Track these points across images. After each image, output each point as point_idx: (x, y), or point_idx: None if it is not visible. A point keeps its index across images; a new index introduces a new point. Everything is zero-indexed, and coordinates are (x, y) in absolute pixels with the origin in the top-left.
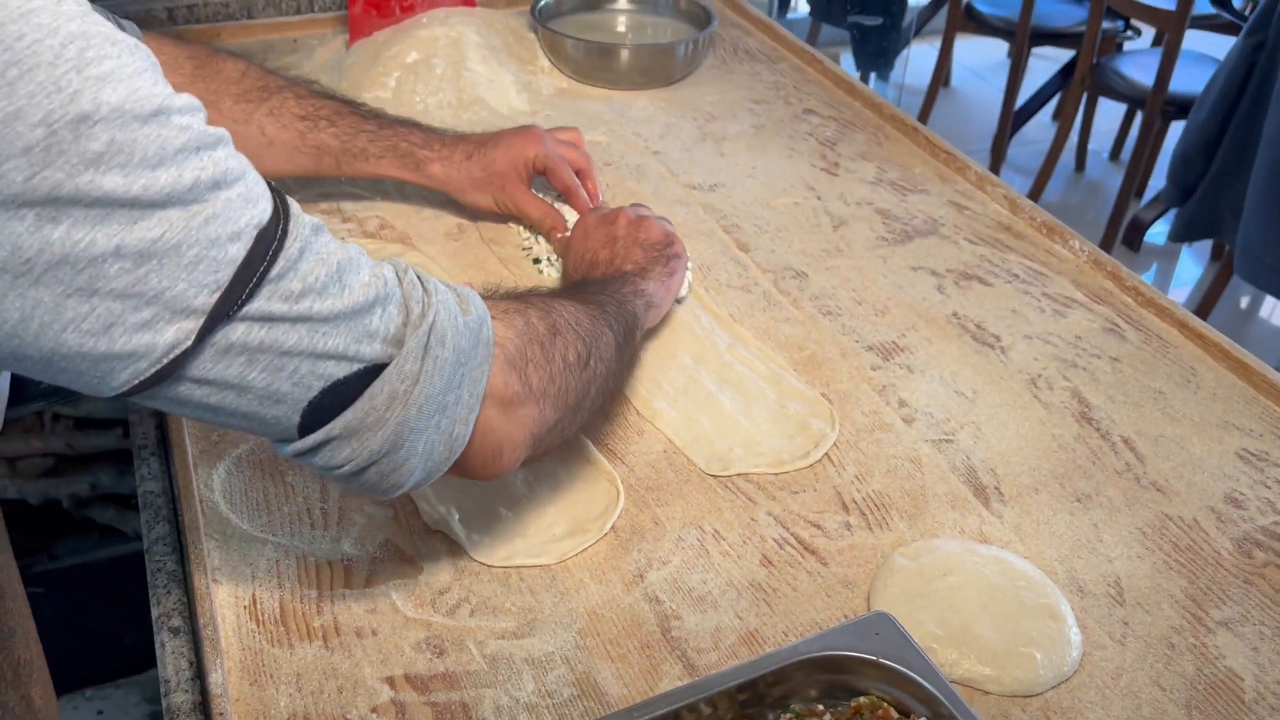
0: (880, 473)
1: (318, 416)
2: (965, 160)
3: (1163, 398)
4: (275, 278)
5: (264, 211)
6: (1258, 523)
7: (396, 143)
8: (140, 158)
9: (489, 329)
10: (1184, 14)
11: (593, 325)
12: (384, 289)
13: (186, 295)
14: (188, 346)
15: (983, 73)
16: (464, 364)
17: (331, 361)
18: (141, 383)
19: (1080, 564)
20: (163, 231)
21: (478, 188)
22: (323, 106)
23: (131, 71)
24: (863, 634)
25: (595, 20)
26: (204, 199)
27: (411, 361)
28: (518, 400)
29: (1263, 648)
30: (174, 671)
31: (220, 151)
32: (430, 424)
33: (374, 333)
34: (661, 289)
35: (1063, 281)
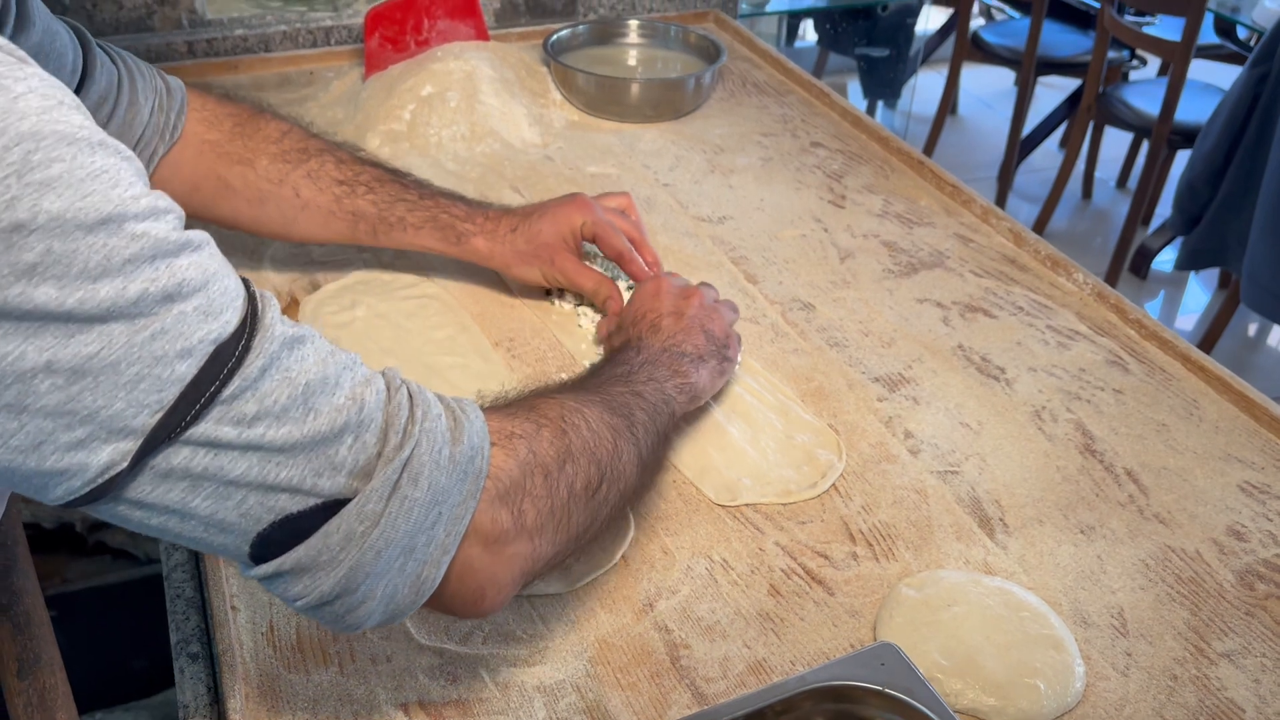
0: (886, 503)
1: (268, 549)
2: (971, 193)
3: (1166, 430)
4: (227, 399)
5: (226, 325)
6: (1260, 555)
7: (437, 214)
8: (80, 269)
9: (484, 459)
10: (1189, 45)
11: (614, 443)
12: (359, 415)
13: (124, 415)
14: (123, 469)
15: (990, 101)
16: (441, 502)
17: (284, 495)
18: (76, 499)
19: (1084, 595)
20: (100, 348)
21: (524, 262)
22: (363, 172)
23: (85, 175)
24: (868, 664)
25: (606, 54)
26: (152, 313)
27: (375, 501)
28: (506, 538)
29: (1264, 679)
30: (192, 697)
31: (182, 259)
32: (392, 567)
33: (338, 465)
34: (710, 384)
35: (1067, 314)
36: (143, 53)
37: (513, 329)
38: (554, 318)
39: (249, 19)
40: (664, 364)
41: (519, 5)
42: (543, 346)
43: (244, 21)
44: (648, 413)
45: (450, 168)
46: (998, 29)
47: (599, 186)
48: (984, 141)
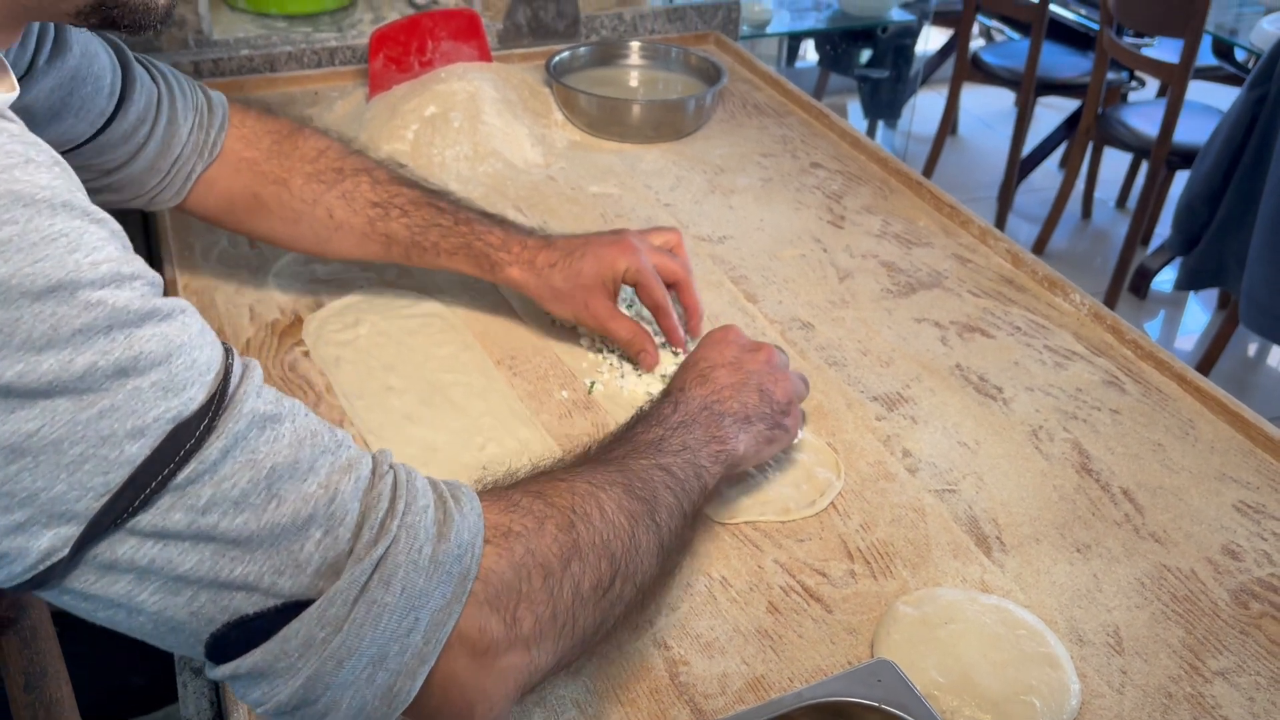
0: (884, 522)
1: (225, 649)
2: (969, 214)
3: (1162, 450)
4: (181, 484)
5: (189, 402)
6: (1254, 574)
7: (472, 241)
8: (23, 339)
9: (473, 558)
10: (1187, 67)
11: (632, 534)
12: (330, 506)
13: (66, 498)
14: (64, 556)
15: (990, 121)
16: (419, 607)
17: (240, 593)
18: (18, 585)
19: (1080, 613)
20: (41, 425)
21: (559, 300)
22: (399, 194)
23: (39, 239)
24: (865, 680)
25: (608, 75)
26: (101, 388)
27: (339, 605)
28: (496, 649)
29: (1258, 698)
30: (195, 711)
31: (145, 330)
32: (359, 678)
33: (303, 562)
34: (752, 451)
35: (1064, 334)
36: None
37: (514, 347)
38: (555, 336)
39: (254, 39)
40: (701, 425)
41: (522, 26)
42: (544, 365)
43: (249, 42)
44: (675, 493)
45: (454, 187)
46: (997, 50)
47: (601, 206)
48: (984, 161)
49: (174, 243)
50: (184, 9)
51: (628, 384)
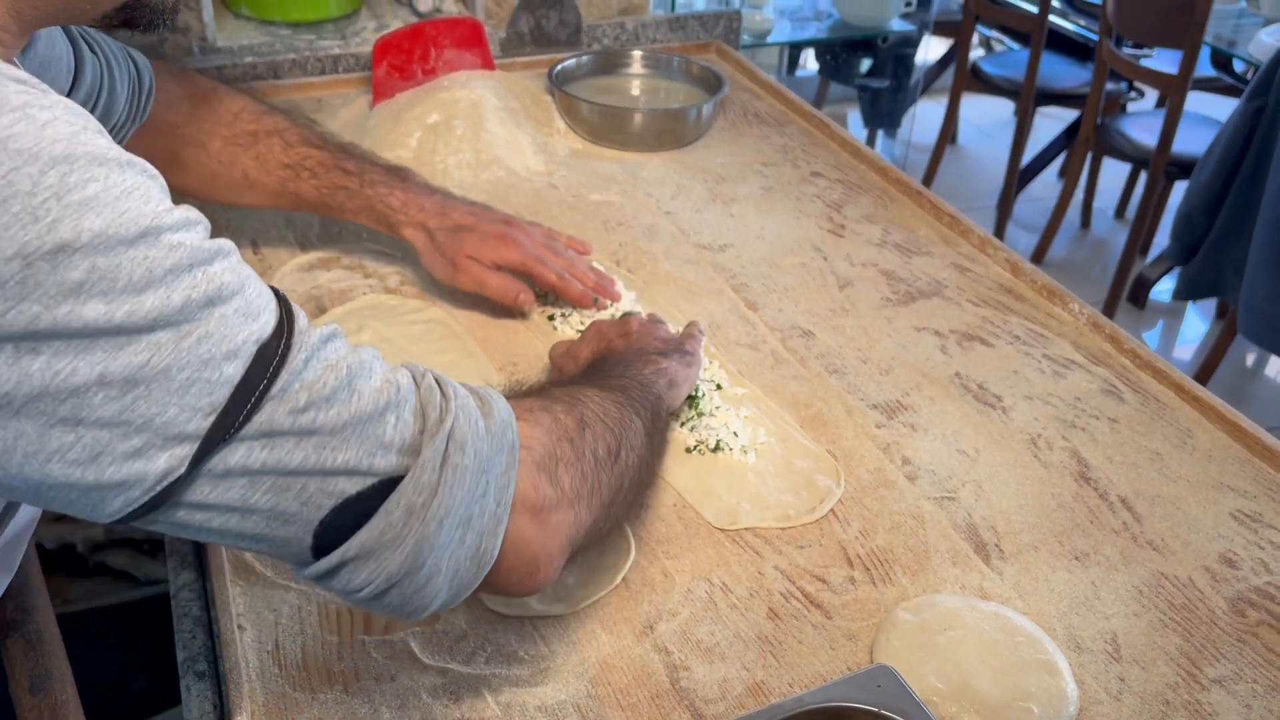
0: (884, 529)
1: (332, 536)
2: (968, 224)
3: (1160, 459)
4: (278, 393)
5: (265, 325)
6: (1251, 583)
7: (375, 203)
8: (125, 282)
9: (514, 432)
10: (1186, 77)
11: (620, 414)
12: (397, 394)
13: (179, 420)
14: (181, 474)
15: (989, 131)
16: (487, 471)
17: (342, 477)
18: (135, 510)
19: (1078, 620)
20: (150, 356)
21: (439, 263)
22: (308, 157)
23: (120, 192)
24: (865, 686)
25: (610, 84)
26: (196, 318)
27: (429, 472)
28: (550, 506)
29: (1255, 705)
30: (199, 714)
31: (217, 265)
32: (454, 539)
33: (388, 443)
34: (683, 371)
35: (1063, 343)
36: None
37: (516, 354)
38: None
39: (258, 46)
40: (633, 359)
41: (524, 35)
42: (545, 371)
43: (254, 49)
44: (639, 389)
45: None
46: (997, 60)
47: (602, 214)
48: (983, 171)
49: None
50: (189, 16)
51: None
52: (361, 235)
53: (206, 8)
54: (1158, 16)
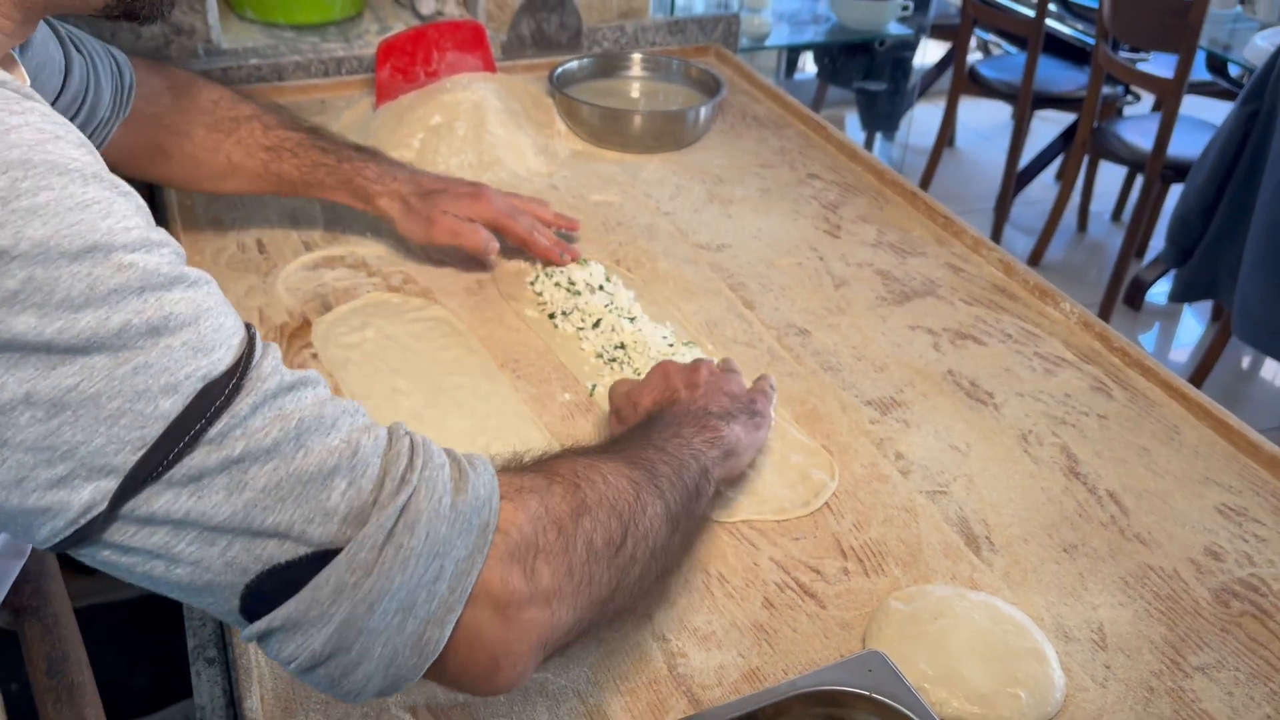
0: (877, 521)
1: (259, 602)
2: (962, 224)
3: (1147, 454)
4: (214, 438)
5: (217, 363)
6: (1235, 574)
7: (353, 177)
8: (62, 297)
9: (491, 512)
10: (1181, 82)
11: (636, 496)
12: (354, 457)
13: (105, 452)
14: (102, 510)
15: (987, 134)
16: (442, 554)
17: (273, 541)
18: (61, 542)
19: (1065, 610)
20: (80, 380)
21: (413, 224)
22: (287, 139)
23: (74, 204)
24: (857, 670)
25: (610, 86)
26: (136, 345)
27: (367, 549)
28: (519, 601)
29: (1237, 692)
30: (209, 699)
31: (174, 293)
32: (390, 624)
33: (330, 510)
34: (747, 438)
35: (1053, 342)
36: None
37: (518, 351)
38: (558, 340)
39: (263, 49)
40: (689, 423)
41: (525, 38)
42: (547, 368)
43: (258, 51)
44: (673, 467)
45: None
46: (995, 64)
47: (602, 214)
48: (981, 174)
49: (185, 248)
50: (194, 18)
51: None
52: (365, 234)
53: (211, 10)
54: (1153, 21)
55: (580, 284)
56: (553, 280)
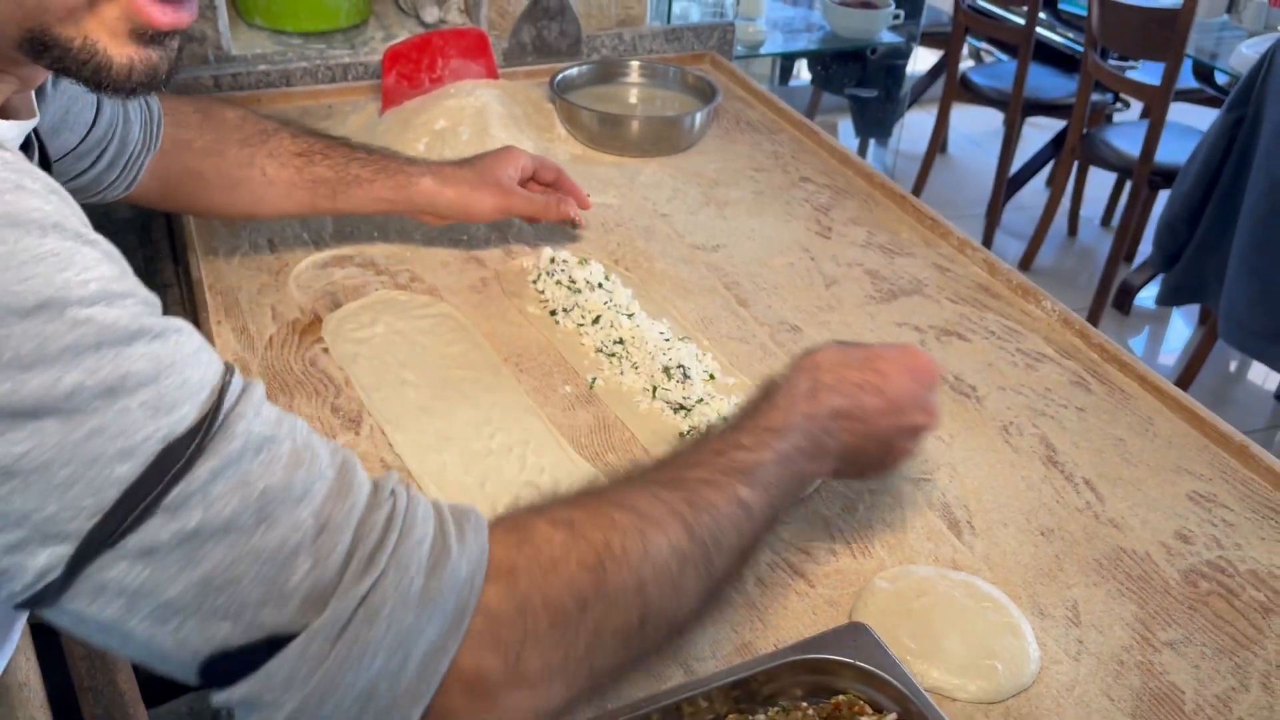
0: (864, 506)
1: (215, 678)
2: (948, 226)
3: (1122, 444)
4: (170, 506)
5: (180, 421)
6: (1204, 556)
7: (387, 164)
8: (10, 357)
9: (472, 593)
10: (1168, 89)
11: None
12: (321, 533)
13: (59, 519)
14: (57, 575)
15: (978, 140)
16: (409, 644)
17: (225, 624)
18: (19, 605)
19: (1042, 589)
20: (30, 447)
21: (476, 190)
22: (315, 143)
23: (29, 258)
24: (841, 640)
25: (608, 92)
26: (89, 409)
27: (319, 642)
28: (494, 689)
29: (1203, 665)
30: None
31: (136, 348)
32: (346, 714)
33: (289, 592)
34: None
35: (1035, 338)
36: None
37: (520, 346)
38: (559, 335)
39: (271, 55)
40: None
41: (527, 45)
42: (548, 362)
43: (266, 58)
44: (742, 534)
45: None
46: (986, 71)
47: (601, 216)
48: (973, 180)
49: (199, 246)
50: (204, 25)
51: (626, 379)
52: (373, 235)
53: (221, 18)
54: (1141, 30)
55: (580, 282)
56: (554, 279)
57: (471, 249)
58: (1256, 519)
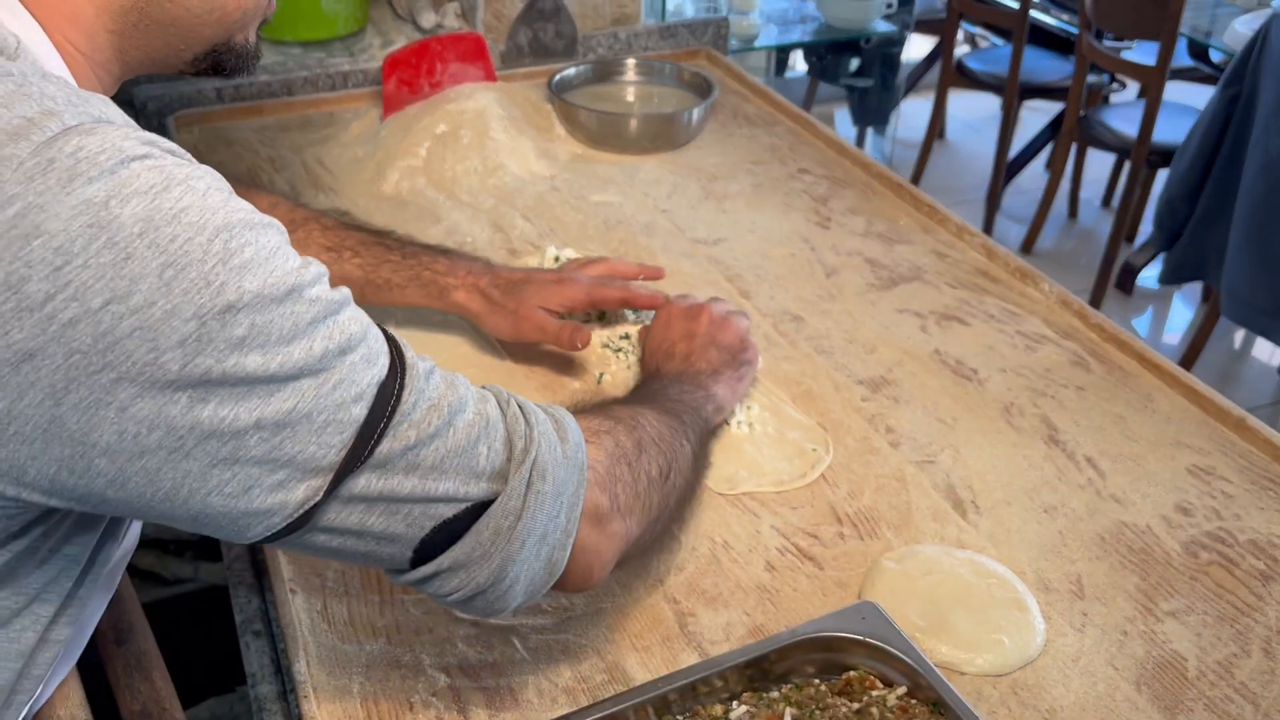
0: (870, 490)
1: (428, 551)
2: (946, 213)
3: (1122, 421)
4: (393, 431)
5: (383, 368)
6: (1204, 528)
7: (420, 272)
8: (277, 336)
9: (584, 453)
10: (1163, 69)
11: (673, 439)
12: (487, 426)
13: (316, 456)
14: (317, 501)
15: (976, 125)
16: (562, 493)
17: (442, 503)
18: (274, 534)
19: (1046, 564)
20: (296, 402)
21: (494, 313)
22: (348, 238)
23: (268, 253)
24: (851, 619)
25: (606, 91)
26: (331, 366)
27: (515, 498)
28: (608, 518)
29: (1205, 633)
30: (258, 666)
31: (344, 315)
32: (532, 554)
33: (480, 471)
34: (729, 394)
35: (1034, 320)
36: (174, 98)
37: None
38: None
39: (272, 65)
40: (684, 385)
41: (523, 47)
42: (558, 359)
43: (267, 68)
44: (690, 414)
45: (465, 199)
46: (981, 56)
47: (603, 214)
48: (972, 165)
49: None
50: None
51: (633, 375)
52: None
53: None
54: (1134, 10)
55: None
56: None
57: (477, 249)
58: (1255, 490)
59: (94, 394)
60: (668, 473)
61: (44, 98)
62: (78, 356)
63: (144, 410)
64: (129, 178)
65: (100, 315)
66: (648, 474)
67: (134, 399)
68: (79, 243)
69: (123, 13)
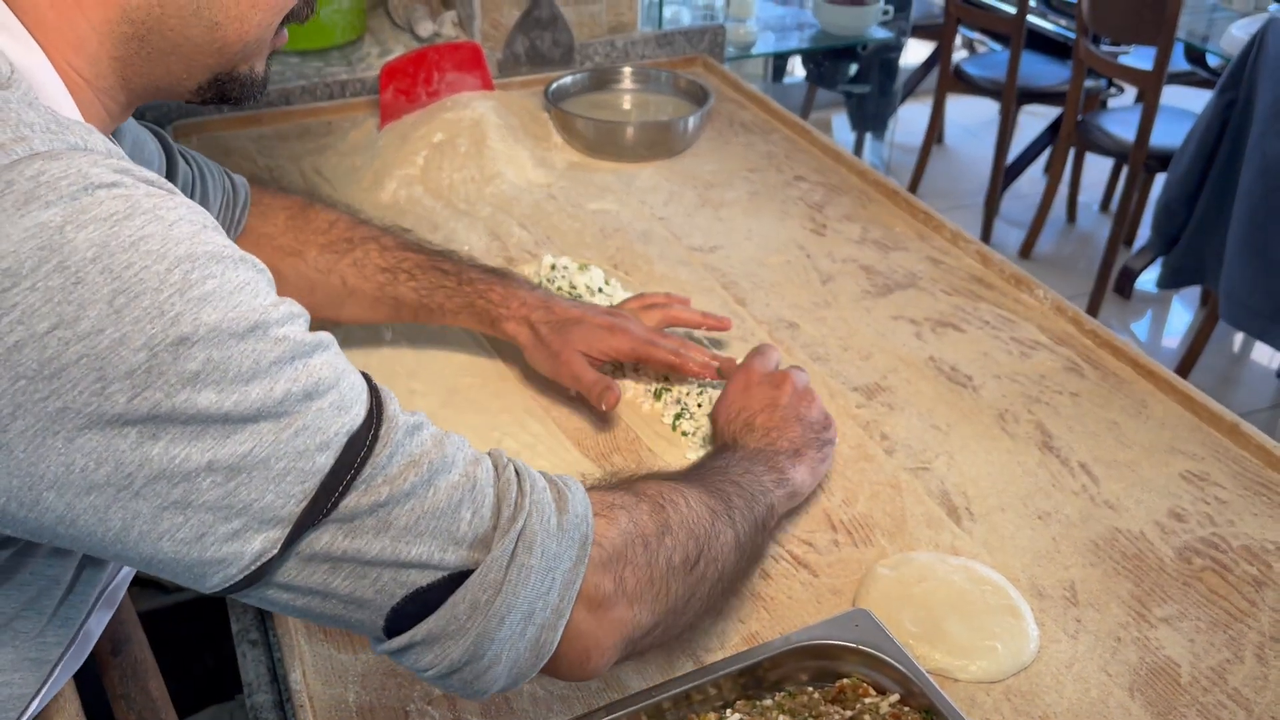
0: (865, 497)
1: (401, 621)
2: (941, 220)
3: (1116, 427)
4: (362, 485)
5: (356, 418)
6: (1197, 534)
7: (474, 299)
8: (235, 373)
9: (588, 527)
10: (1160, 73)
11: (711, 524)
12: (473, 490)
13: (274, 506)
14: (273, 555)
15: (974, 130)
16: (553, 568)
17: (414, 570)
18: (231, 586)
19: (1039, 571)
20: (253, 446)
21: (543, 356)
22: (405, 259)
23: (233, 288)
24: (845, 626)
25: (603, 99)
26: (295, 410)
27: (496, 570)
28: (608, 603)
29: (1198, 639)
30: (254, 676)
31: (317, 359)
32: (515, 632)
33: (460, 538)
34: (810, 477)
35: (1028, 326)
36: (172, 107)
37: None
38: None
39: (270, 75)
40: (760, 462)
41: (520, 56)
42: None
43: None
44: (745, 500)
45: (462, 208)
46: (979, 61)
47: (600, 222)
48: (970, 170)
49: None
50: None
51: (629, 382)
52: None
53: None
54: (1131, 14)
55: (581, 287)
56: (555, 285)
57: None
58: (1249, 496)
59: (40, 422)
60: (696, 560)
61: (20, 124)
62: (23, 382)
63: (91, 443)
64: (90, 204)
65: (46, 340)
66: (668, 559)
67: (80, 430)
68: (28, 264)
69: (125, 40)
